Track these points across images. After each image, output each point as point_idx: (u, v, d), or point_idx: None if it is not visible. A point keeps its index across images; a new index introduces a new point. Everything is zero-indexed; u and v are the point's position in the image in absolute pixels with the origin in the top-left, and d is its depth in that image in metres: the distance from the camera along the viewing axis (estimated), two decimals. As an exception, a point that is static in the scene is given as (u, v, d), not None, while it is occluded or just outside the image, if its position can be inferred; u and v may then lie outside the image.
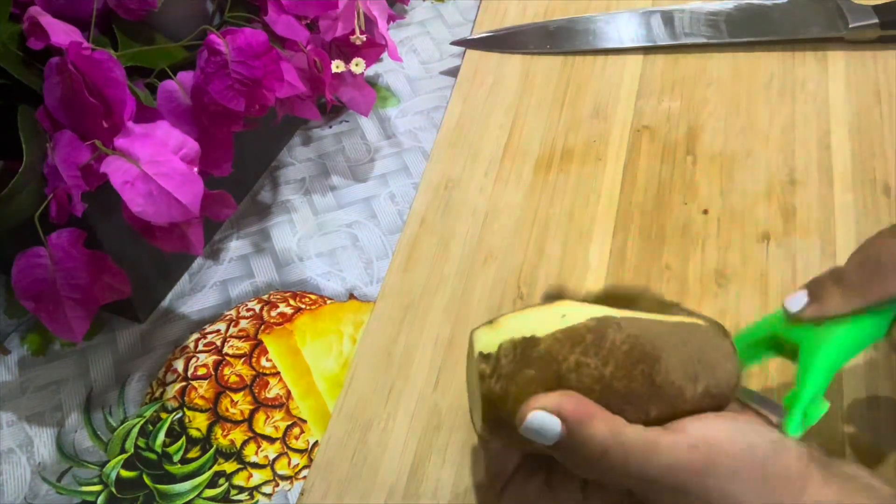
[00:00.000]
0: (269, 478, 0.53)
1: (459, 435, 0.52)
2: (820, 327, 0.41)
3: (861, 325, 0.41)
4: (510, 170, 0.66)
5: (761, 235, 0.59)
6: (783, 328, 0.43)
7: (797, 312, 0.42)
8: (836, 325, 0.41)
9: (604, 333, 0.38)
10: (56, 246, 0.48)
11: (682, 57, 0.72)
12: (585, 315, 0.38)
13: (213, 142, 0.52)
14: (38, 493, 0.52)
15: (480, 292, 0.58)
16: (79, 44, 0.46)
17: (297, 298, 0.61)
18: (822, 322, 0.41)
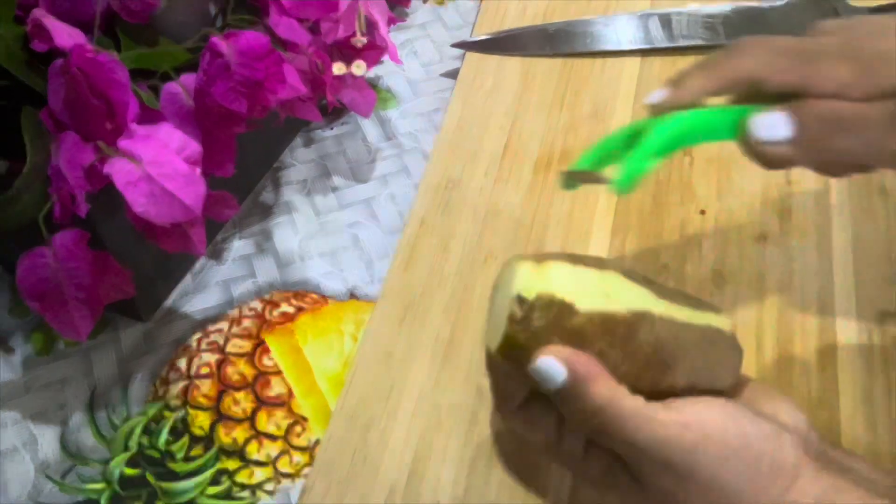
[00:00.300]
0: (271, 475, 0.53)
1: (459, 435, 0.52)
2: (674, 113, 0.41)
3: (713, 111, 0.41)
4: (510, 170, 0.66)
5: (758, 236, 0.60)
6: (645, 124, 0.42)
7: (658, 102, 0.41)
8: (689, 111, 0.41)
9: (636, 331, 0.39)
10: (60, 246, 0.48)
11: (680, 59, 0.72)
12: (627, 302, 0.39)
13: (216, 143, 0.52)
14: (41, 491, 0.53)
15: (480, 292, 0.59)
16: (82, 46, 0.46)
17: (299, 298, 0.61)
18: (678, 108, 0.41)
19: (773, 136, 0.39)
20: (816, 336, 0.55)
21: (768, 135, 0.39)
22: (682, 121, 0.40)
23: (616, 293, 0.39)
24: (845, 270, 0.57)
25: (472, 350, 0.56)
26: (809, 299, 0.56)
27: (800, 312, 0.56)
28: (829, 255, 0.58)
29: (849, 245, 0.59)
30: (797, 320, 0.55)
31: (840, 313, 0.55)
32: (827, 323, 0.55)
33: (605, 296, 0.39)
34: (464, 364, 0.55)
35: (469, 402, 0.54)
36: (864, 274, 0.57)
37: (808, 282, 0.57)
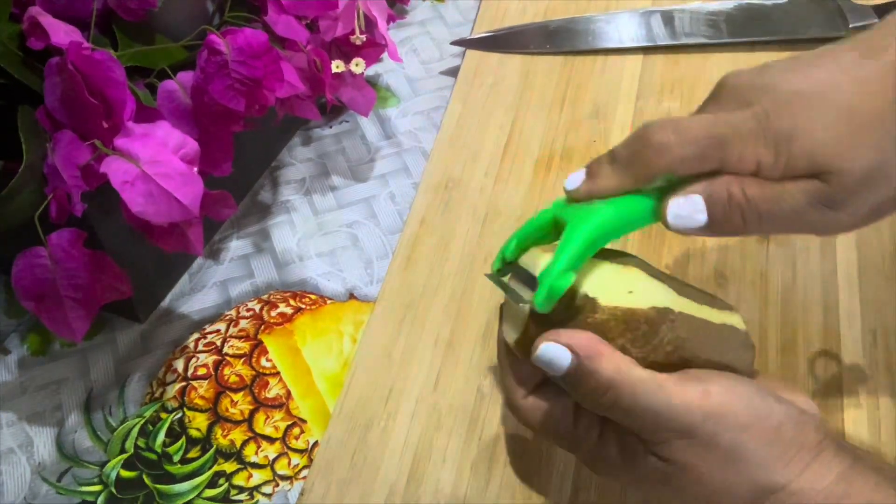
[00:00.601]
0: (269, 478, 0.53)
1: (459, 435, 0.52)
2: (591, 206, 0.40)
3: (627, 203, 0.40)
4: (510, 170, 0.66)
5: (761, 236, 0.59)
6: (561, 210, 0.42)
7: (573, 190, 0.41)
8: (605, 204, 0.40)
9: (657, 329, 0.39)
10: (56, 246, 0.48)
11: (683, 57, 0.72)
12: (649, 300, 0.39)
13: (214, 142, 0.52)
14: (38, 494, 0.52)
15: (480, 292, 0.58)
16: (79, 44, 0.46)
17: (298, 298, 0.61)
18: (592, 201, 0.40)
19: (688, 225, 0.39)
20: (820, 336, 0.54)
21: (683, 224, 0.39)
22: (597, 225, 0.39)
23: (638, 289, 0.39)
24: (849, 270, 0.57)
25: (472, 350, 0.56)
26: (812, 299, 0.56)
27: (803, 313, 0.55)
28: (832, 254, 0.58)
29: (852, 245, 0.58)
30: (800, 320, 0.55)
31: (843, 313, 0.55)
32: (830, 323, 0.55)
33: (628, 291, 0.39)
34: (464, 364, 0.55)
35: (469, 403, 0.53)
36: (867, 274, 0.57)
37: (812, 282, 0.57)
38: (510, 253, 0.43)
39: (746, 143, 0.38)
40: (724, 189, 0.38)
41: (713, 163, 0.38)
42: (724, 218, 0.38)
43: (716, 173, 0.38)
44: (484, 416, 0.53)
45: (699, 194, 0.38)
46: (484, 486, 0.50)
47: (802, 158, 0.37)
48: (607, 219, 0.40)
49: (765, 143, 0.37)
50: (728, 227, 0.39)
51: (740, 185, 0.38)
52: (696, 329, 0.40)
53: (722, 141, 0.38)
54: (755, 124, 0.38)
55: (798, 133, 0.37)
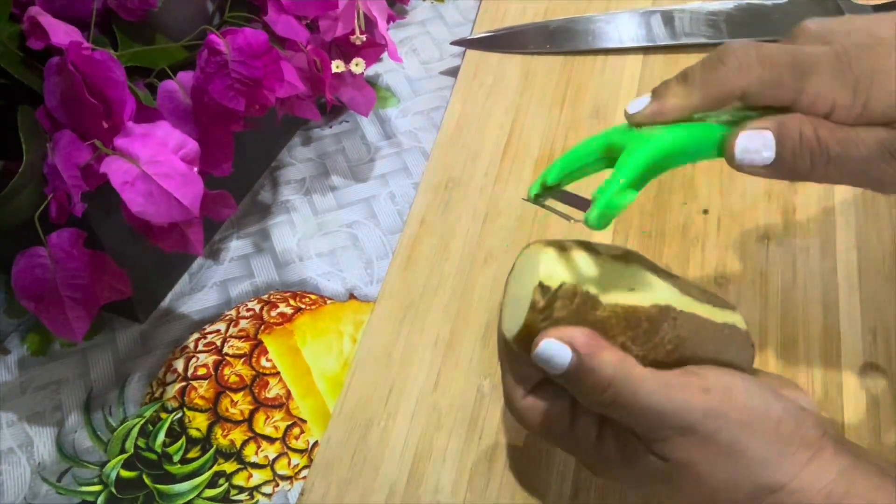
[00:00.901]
0: (269, 478, 0.53)
1: (459, 435, 0.52)
2: (652, 130, 0.38)
3: (694, 130, 0.38)
4: (510, 170, 0.66)
5: (761, 235, 0.59)
6: (619, 136, 0.39)
7: (637, 112, 0.39)
8: (670, 128, 0.38)
9: (658, 327, 0.39)
10: (56, 246, 0.48)
11: (683, 57, 0.72)
12: (651, 297, 0.39)
13: (213, 142, 0.52)
14: (38, 493, 0.52)
15: (480, 292, 0.58)
16: (79, 44, 0.46)
17: (297, 298, 0.61)
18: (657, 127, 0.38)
19: (755, 161, 0.37)
20: (820, 336, 0.54)
21: (750, 158, 0.37)
22: (662, 145, 0.37)
23: (640, 287, 0.39)
24: (849, 270, 0.57)
25: (472, 350, 0.56)
26: (813, 299, 0.56)
27: (803, 312, 0.55)
28: (832, 254, 0.58)
29: (852, 244, 0.58)
30: (800, 320, 0.55)
31: (844, 313, 0.55)
32: (830, 323, 0.55)
33: (629, 289, 0.39)
34: (464, 364, 0.55)
35: (469, 403, 0.53)
36: (867, 274, 0.57)
37: (812, 282, 0.57)
38: (553, 177, 0.40)
39: (825, 79, 0.36)
40: (797, 127, 0.37)
41: (789, 93, 0.37)
42: (793, 158, 0.37)
43: (786, 110, 0.37)
44: (484, 416, 0.53)
45: (770, 130, 0.37)
46: (484, 486, 0.50)
47: (879, 104, 0.36)
48: (672, 141, 0.37)
49: (843, 83, 0.36)
50: (794, 169, 0.37)
51: (813, 125, 0.37)
52: (697, 327, 0.39)
53: (803, 71, 0.37)
54: (836, 62, 0.37)
55: (878, 77, 0.36)
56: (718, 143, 0.38)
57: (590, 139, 0.40)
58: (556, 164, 0.40)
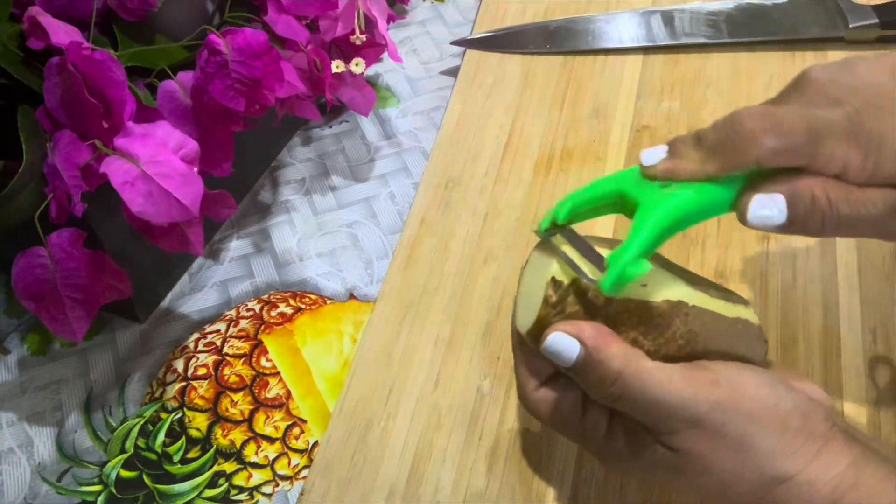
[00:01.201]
0: (269, 478, 0.53)
1: (459, 435, 0.52)
2: (666, 189, 0.38)
3: (707, 192, 0.38)
4: (510, 170, 0.66)
5: (761, 235, 0.59)
6: (631, 185, 0.40)
7: (651, 165, 0.39)
8: (683, 189, 0.38)
9: (670, 322, 0.39)
10: (56, 246, 0.48)
11: (682, 57, 0.72)
12: (663, 293, 0.39)
13: (213, 142, 0.52)
14: (38, 493, 0.52)
15: (480, 292, 0.58)
16: (79, 44, 0.46)
17: (297, 298, 0.61)
18: (670, 184, 0.39)
19: (767, 223, 0.38)
20: (820, 337, 0.54)
21: (762, 221, 0.38)
22: (676, 211, 0.38)
23: (652, 281, 0.39)
24: (849, 270, 0.57)
25: (472, 350, 0.56)
26: (813, 300, 0.56)
27: (803, 313, 0.55)
28: (832, 254, 0.58)
29: (852, 245, 0.58)
30: (800, 321, 0.55)
31: (844, 314, 0.55)
32: (831, 323, 0.55)
33: (642, 284, 0.39)
34: (464, 364, 0.55)
35: (469, 403, 0.53)
36: (867, 274, 0.57)
37: (812, 282, 0.57)
38: (563, 216, 0.41)
39: (838, 143, 0.37)
40: (809, 191, 0.37)
41: (803, 158, 0.37)
42: (804, 219, 0.38)
43: (798, 170, 0.38)
44: (484, 415, 0.53)
45: (782, 194, 0.38)
46: (484, 486, 0.50)
47: (888, 165, 0.37)
48: (685, 206, 0.38)
49: (855, 146, 0.37)
50: (805, 229, 0.38)
51: (824, 187, 0.37)
52: (708, 323, 0.40)
53: (816, 137, 0.37)
54: (848, 125, 0.37)
55: (887, 139, 0.37)
56: (730, 203, 0.39)
57: (601, 181, 0.41)
58: (567, 202, 0.41)
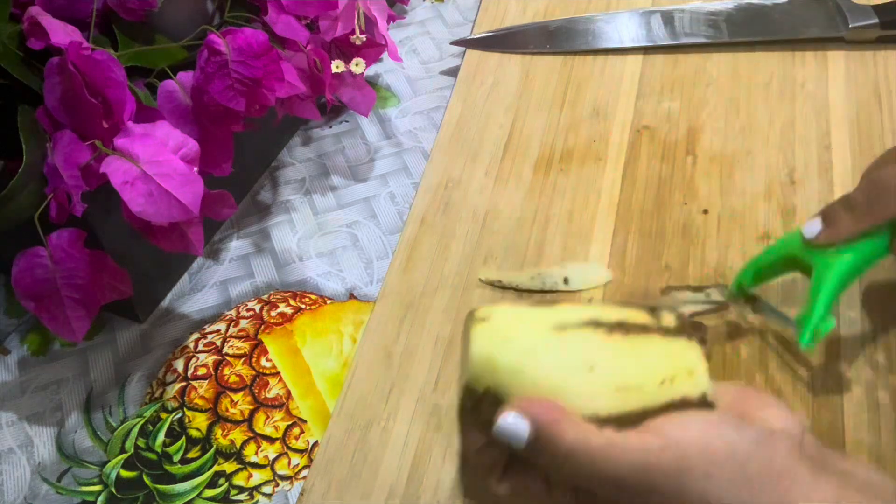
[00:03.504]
0: (269, 478, 0.53)
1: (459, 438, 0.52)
2: (831, 250, 0.47)
3: (867, 245, 0.47)
4: (510, 170, 0.66)
5: (761, 235, 0.59)
6: (800, 250, 0.48)
7: (813, 238, 0.48)
8: (846, 246, 0.47)
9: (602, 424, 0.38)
10: (56, 246, 0.48)
11: (682, 57, 0.72)
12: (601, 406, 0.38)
13: (213, 142, 0.52)
14: (37, 493, 0.52)
15: (480, 292, 0.58)
16: (79, 44, 0.46)
17: (297, 298, 0.61)
18: (833, 245, 0.47)
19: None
20: (820, 337, 0.54)
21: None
22: (845, 272, 0.47)
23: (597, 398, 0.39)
24: (849, 270, 0.57)
25: (473, 351, 0.56)
26: (813, 299, 0.56)
27: (803, 313, 0.55)
28: (832, 254, 0.58)
29: (852, 245, 0.58)
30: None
31: (844, 314, 0.55)
32: (830, 323, 0.55)
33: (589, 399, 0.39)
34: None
35: (469, 404, 0.53)
36: (867, 273, 0.57)
37: (812, 282, 0.57)
38: (749, 283, 0.52)
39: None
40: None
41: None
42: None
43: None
44: (484, 416, 0.53)
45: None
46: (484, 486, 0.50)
47: None
48: (852, 266, 0.47)
49: None
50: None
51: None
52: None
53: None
54: None
55: None
56: (887, 248, 0.47)
57: (773, 249, 0.51)
58: (749, 269, 0.52)
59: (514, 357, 0.39)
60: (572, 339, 0.39)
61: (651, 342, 0.40)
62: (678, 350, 0.40)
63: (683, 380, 0.39)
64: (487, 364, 0.39)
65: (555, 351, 0.39)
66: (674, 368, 0.39)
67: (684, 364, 0.39)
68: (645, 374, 0.39)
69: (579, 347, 0.39)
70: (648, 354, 0.39)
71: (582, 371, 0.38)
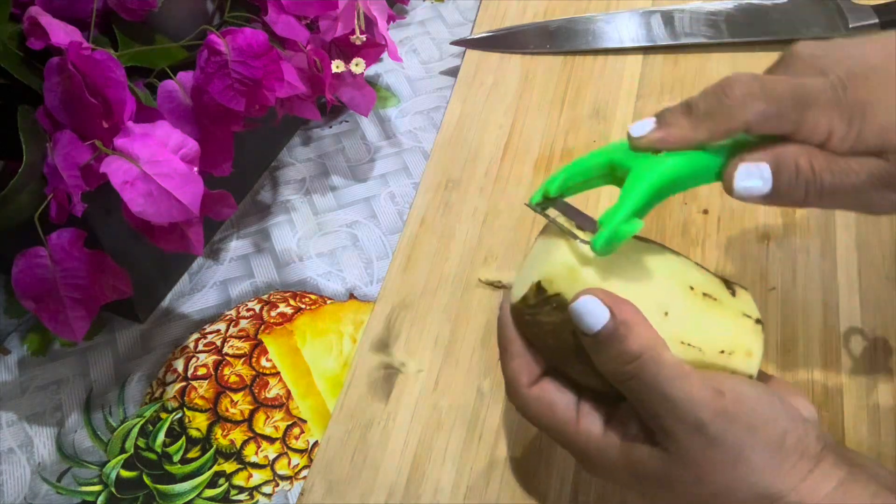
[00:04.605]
0: (269, 478, 0.53)
1: (459, 435, 0.52)
2: (657, 157, 0.39)
3: (696, 159, 0.39)
4: (510, 169, 0.66)
5: (761, 236, 0.59)
6: (622, 155, 0.40)
7: (640, 136, 0.39)
8: (672, 155, 0.39)
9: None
10: (56, 246, 0.48)
11: (682, 57, 0.72)
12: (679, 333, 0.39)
13: (214, 142, 0.52)
14: (37, 493, 0.52)
15: (480, 292, 0.58)
16: (79, 44, 0.46)
17: (297, 298, 0.61)
18: (659, 152, 0.39)
19: (752, 192, 0.39)
20: (820, 337, 0.54)
21: (748, 190, 0.39)
22: (665, 175, 0.39)
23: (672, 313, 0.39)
24: (849, 270, 0.57)
25: (472, 350, 0.56)
26: (813, 300, 0.56)
27: (803, 313, 0.55)
28: (832, 255, 0.58)
29: (852, 245, 0.58)
30: (800, 321, 0.55)
31: (844, 314, 0.55)
32: (831, 323, 0.55)
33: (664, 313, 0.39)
34: (464, 364, 0.55)
35: (469, 403, 0.53)
36: (867, 274, 0.57)
37: (812, 282, 0.57)
38: (555, 188, 0.41)
39: (823, 111, 0.38)
40: (793, 160, 0.38)
41: (789, 125, 0.38)
42: (788, 189, 0.38)
43: (782, 139, 0.38)
44: (484, 416, 0.53)
45: (766, 163, 0.38)
46: (484, 486, 0.50)
47: (871, 134, 0.37)
48: (675, 169, 0.39)
49: (839, 114, 0.37)
50: (789, 199, 0.39)
51: (808, 157, 0.38)
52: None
53: (803, 103, 0.38)
54: (832, 93, 0.38)
55: (873, 108, 0.37)
56: (717, 171, 0.40)
57: (593, 154, 0.42)
58: (559, 175, 0.42)
59: (597, 279, 0.38)
60: (657, 282, 0.40)
61: (725, 313, 0.41)
62: (745, 330, 0.41)
63: (740, 357, 0.40)
64: (570, 273, 0.38)
65: (641, 284, 0.39)
66: (736, 344, 0.40)
67: (746, 344, 0.40)
68: (710, 339, 0.40)
69: (664, 289, 0.39)
70: (719, 323, 0.40)
71: (657, 312, 0.39)
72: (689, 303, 0.40)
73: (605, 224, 0.38)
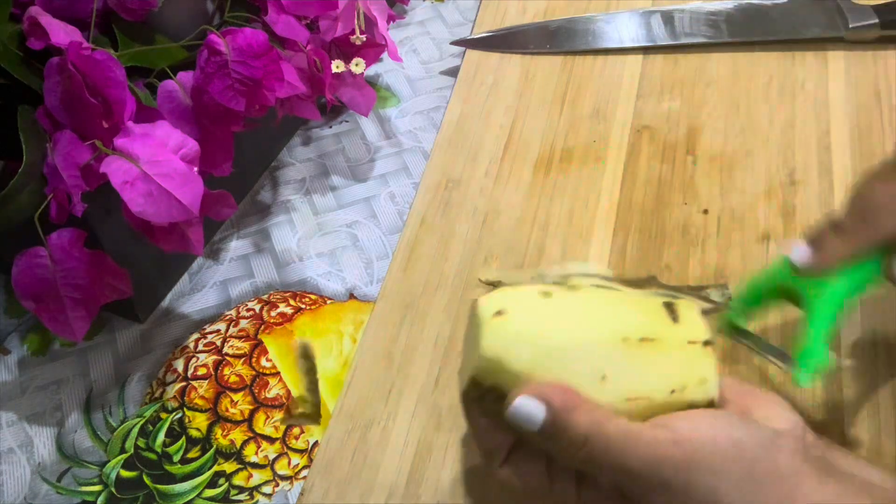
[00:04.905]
0: (269, 478, 0.53)
1: (459, 435, 0.52)
2: (824, 281, 0.44)
3: (859, 270, 0.44)
4: (510, 170, 0.66)
5: (761, 235, 0.59)
6: (788, 278, 0.45)
7: (803, 265, 0.44)
8: (837, 272, 0.43)
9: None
10: (56, 246, 0.48)
11: (682, 57, 0.72)
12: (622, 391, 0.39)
13: (214, 142, 0.52)
14: (37, 493, 0.52)
15: (480, 292, 0.58)
16: (79, 44, 0.46)
17: (298, 298, 0.61)
18: (823, 272, 0.44)
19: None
20: (820, 337, 0.54)
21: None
22: (838, 301, 0.43)
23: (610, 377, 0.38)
24: (849, 270, 0.57)
25: (473, 351, 0.56)
26: (813, 299, 0.56)
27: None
28: (832, 254, 0.58)
29: (852, 245, 0.58)
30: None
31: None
32: (830, 323, 0.55)
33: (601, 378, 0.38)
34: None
35: (469, 404, 0.53)
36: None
37: (812, 282, 0.57)
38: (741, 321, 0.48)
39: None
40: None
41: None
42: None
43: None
44: (484, 416, 0.53)
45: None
46: (484, 487, 0.50)
47: None
48: (844, 294, 0.44)
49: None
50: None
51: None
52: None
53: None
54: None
55: None
56: (880, 272, 0.44)
57: (760, 281, 0.47)
58: (738, 307, 0.48)
59: (525, 363, 0.38)
60: (586, 348, 0.39)
61: (668, 351, 0.39)
62: (692, 358, 0.40)
63: (694, 388, 0.39)
64: (497, 365, 0.38)
65: (571, 353, 0.39)
66: (686, 378, 0.39)
67: (697, 373, 0.39)
68: (657, 384, 0.39)
69: (593, 355, 0.39)
70: (662, 365, 0.39)
71: (594, 379, 0.38)
72: (626, 356, 0.39)
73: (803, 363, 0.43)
